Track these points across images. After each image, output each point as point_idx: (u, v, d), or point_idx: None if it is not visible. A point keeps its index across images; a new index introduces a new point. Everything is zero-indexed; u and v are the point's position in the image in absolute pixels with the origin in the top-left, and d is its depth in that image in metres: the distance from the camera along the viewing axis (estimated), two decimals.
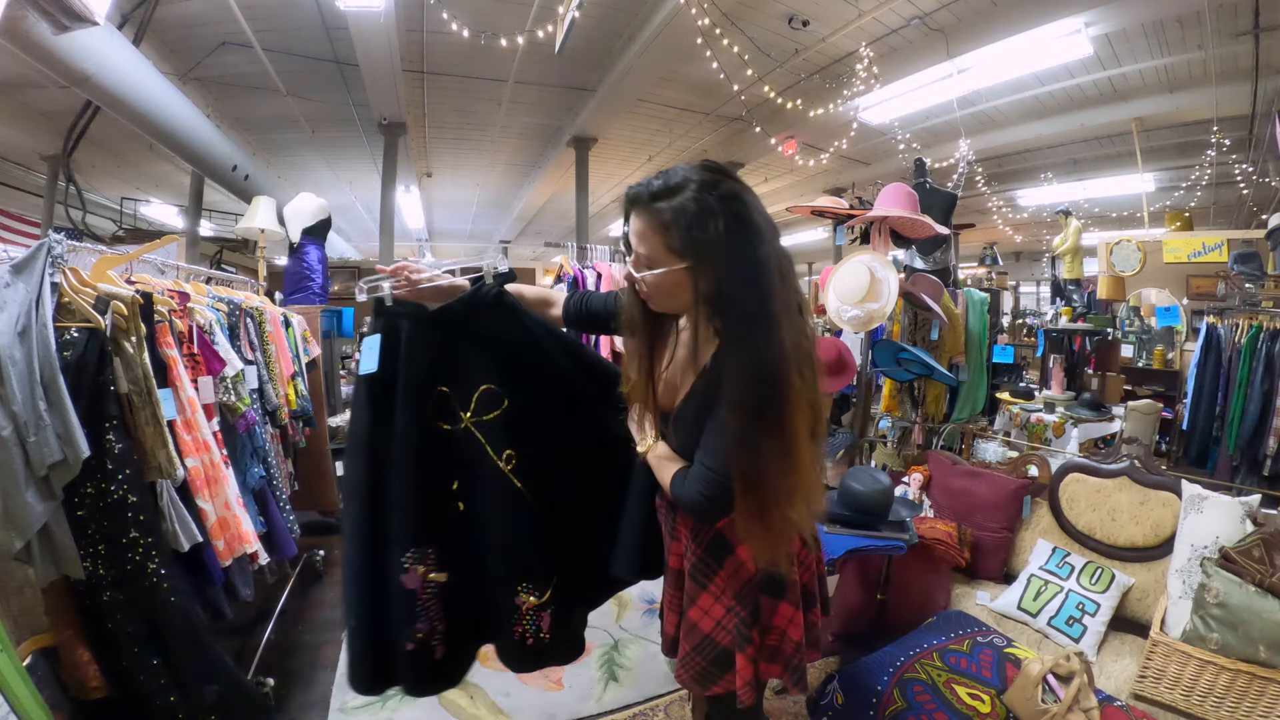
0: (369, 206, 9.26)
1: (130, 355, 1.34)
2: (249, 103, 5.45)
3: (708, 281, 0.89)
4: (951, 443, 2.87)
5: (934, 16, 4.28)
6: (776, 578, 1.05)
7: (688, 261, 0.90)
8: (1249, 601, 1.42)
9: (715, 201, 0.88)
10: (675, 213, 0.89)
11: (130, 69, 3.60)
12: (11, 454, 1.12)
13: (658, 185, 0.91)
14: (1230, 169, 5.98)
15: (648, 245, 0.93)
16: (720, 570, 1.07)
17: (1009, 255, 11.59)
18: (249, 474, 1.91)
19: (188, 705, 1.33)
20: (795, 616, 1.08)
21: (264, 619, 2.28)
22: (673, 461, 1.02)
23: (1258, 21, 3.93)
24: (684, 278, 0.91)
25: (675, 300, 0.96)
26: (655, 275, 0.94)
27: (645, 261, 0.94)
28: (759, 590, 1.06)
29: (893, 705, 1.41)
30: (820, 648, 1.19)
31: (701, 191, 0.89)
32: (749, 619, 1.05)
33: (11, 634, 1.17)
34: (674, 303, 0.98)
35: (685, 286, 0.92)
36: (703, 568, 1.09)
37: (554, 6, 3.74)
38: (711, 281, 0.89)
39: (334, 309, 4.04)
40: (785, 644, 1.08)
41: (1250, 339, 3.10)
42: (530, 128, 6.60)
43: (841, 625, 2.23)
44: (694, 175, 0.90)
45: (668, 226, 0.90)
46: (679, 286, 0.93)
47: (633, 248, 0.97)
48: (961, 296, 3.10)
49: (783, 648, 1.08)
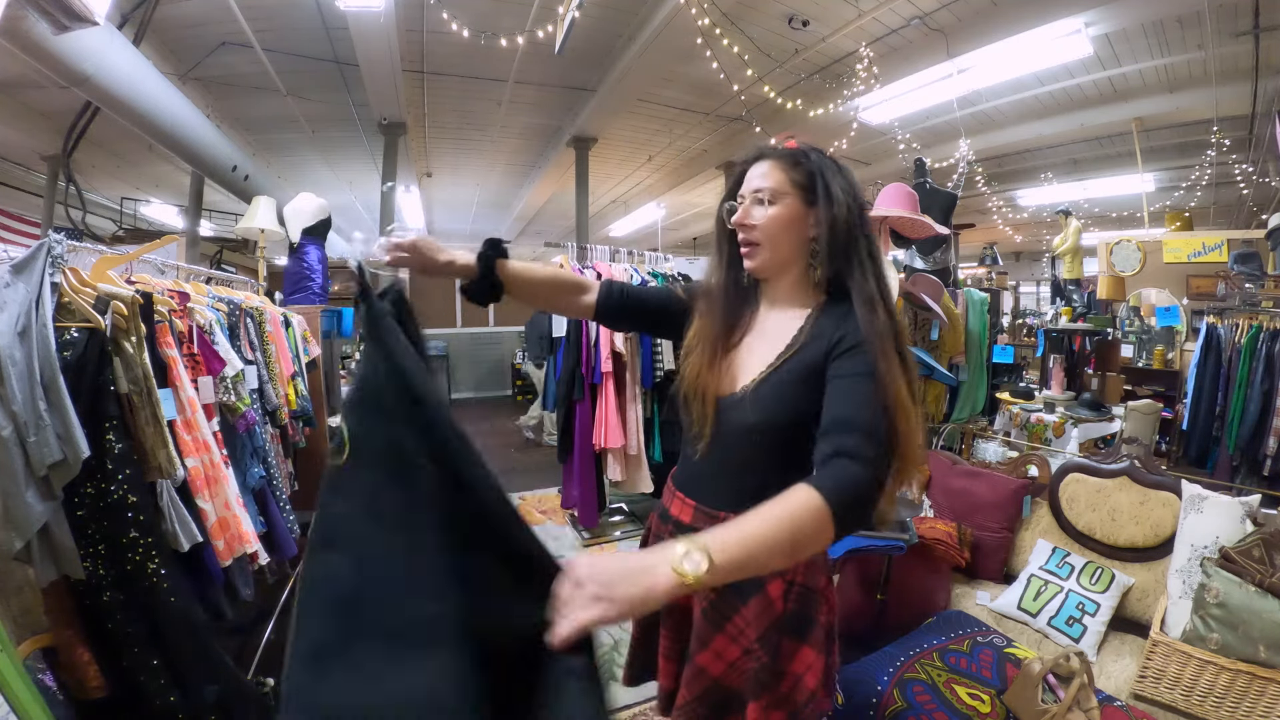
0: (369, 206, 9.25)
1: (130, 355, 1.34)
2: (249, 103, 5.44)
3: (826, 220, 0.94)
4: (951, 443, 2.87)
5: (934, 16, 4.28)
6: (805, 618, 0.95)
7: (811, 196, 0.95)
8: (1249, 601, 1.42)
9: (834, 162, 0.98)
10: (804, 156, 0.98)
11: (130, 69, 3.59)
12: (11, 454, 1.12)
13: (781, 147, 1.01)
14: (1230, 169, 5.98)
15: (773, 179, 0.96)
16: (743, 609, 0.94)
17: (1009, 255, 11.59)
18: (249, 474, 1.91)
19: (188, 705, 1.33)
20: (816, 663, 0.95)
21: (264, 619, 2.28)
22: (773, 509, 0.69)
23: (1258, 21, 3.93)
24: (803, 213, 0.96)
25: (783, 242, 0.97)
26: (776, 209, 0.96)
27: (769, 194, 0.96)
28: (783, 632, 0.94)
29: (893, 705, 1.41)
30: (834, 691, 1.03)
31: (820, 155, 0.99)
32: (770, 664, 0.92)
33: (11, 634, 1.17)
34: (781, 247, 0.97)
35: (802, 223, 0.97)
36: (722, 606, 0.95)
37: (554, 6, 3.73)
38: (829, 221, 0.93)
39: (334, 309, 4.03)
40: (798, 692, 0.93)
41: (1250, 339, 3.10)
42: (530, 128, 6.59)
43: (841, 625, 2.23)
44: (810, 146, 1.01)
45: (797, 163, 0.97)
46: (796, 222, 0.97)
47: (747, 194, 0.98)
48: (961, 296, 3.10)
49: (795, 695, 0.93)
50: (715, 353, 0.99)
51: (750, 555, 0.65)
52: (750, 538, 0.66)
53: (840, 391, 0.83)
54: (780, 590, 0.94)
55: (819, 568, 0.99)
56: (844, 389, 0.83)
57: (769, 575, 0.92)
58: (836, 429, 0.79)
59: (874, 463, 0.75)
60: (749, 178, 0.98)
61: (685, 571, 0.61)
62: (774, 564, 0.71)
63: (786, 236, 0.96)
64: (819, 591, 0.98)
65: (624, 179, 8.43)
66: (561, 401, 3.25)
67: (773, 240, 0.96)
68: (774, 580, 0.94)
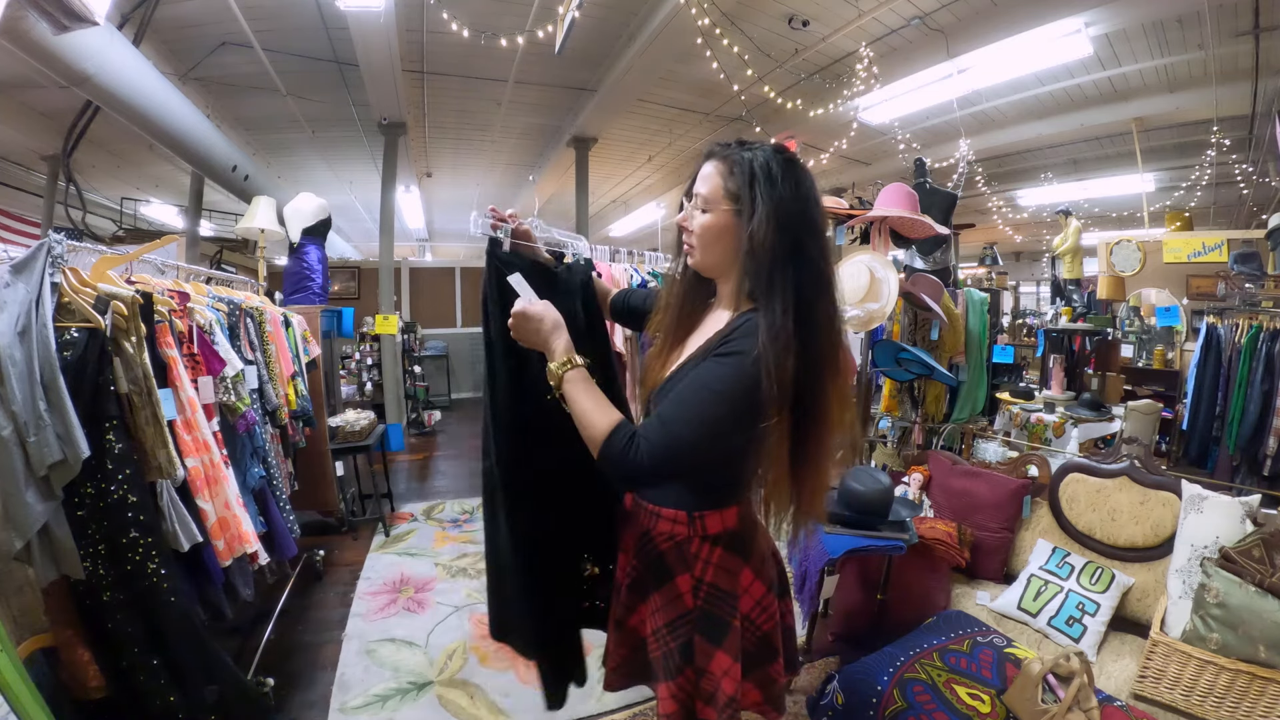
0: (369, 206, 9.25)
1: (130, 355, 1.34)
2: (249, 103, 5.44)
3: (754, 233, 0.88)
4: (951, 443, 2.87)
5: (934, 16, 4.28)
6: (716, 620, 0.98)
7: (739, 206, 0.91)
8: (1249, 601, 1.42)
9: (780, 165, 0.90)
10: (741, 162, 0.92)
11: (130, 69, 3.59)
12: (11, 454, 1.12)
13: (734, 142, 0.96)
14: (1230, 169, 5.98)
15: (708, 185, 0.95)
16: (655, 594, 1.02)
17: (1009, 255, 11.59)
18: (249, 474, 1.91)
19: (188, 705, 1.33)
20: (732, 669, 0.97)
21: (264, 619, 2.28)
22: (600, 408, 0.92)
23: (1258, 21, 3.93)
24: (733, 224, 0.92)
25: (715, 251, 0.96)
26: (706, 218, 0.95)
27: (701, 202, 0.96)
28: (695, 629, 0.99)
29: (893, 705, 1.41)
30: (782, 710, 1.08)
31: (772, 154, 0.92)
32: (679, 653, 0.99)
33: (11, 634, 1.17)
34: (711, 254, 0.97)
35: (731, 234, 0.93)
36: (641, 584, 1.05)
37: (554, 6, 3.73)
38: (759, 235, 0.87)
39: (334, 309, 4.04)
40: (720, 695, 0.96)
41: (1250, 339, 3.10)
42: (530, 128, 6.60)
43: (841, 625, 2.23)
44: (770, 147, 0.94)
45: (731, 171, 0.93)
46: (726, 233, 0.94)
47: (692, 196, 0.98)
48: (961, 296, 3.10)
49: (717, 697, 0.97)
50: (664, 344, 1.05)
51: (577, 406, 0.93)
52: (585, 398, 0.93)
53: (686, 385, 0.89)
54: (689, 585, 1.00)
55: (733, 574, 1.00)
56: (688, 386, 0.89)
57: (678, 568, 1.00)
58: (659, 414, 0.89)
59: (652, 461, 0.84)
60: (698, 177, 0.98)
61: (553, 370, 0.96)
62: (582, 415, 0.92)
63: (717, 246, 0.95)
64: (731, 596, 0.99)
65: (624, 179, 8.43)
66: None
67: (705, 247, 0.97)
68: (683, 574, 1.00)
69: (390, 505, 3.87)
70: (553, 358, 0.97)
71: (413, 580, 2.87)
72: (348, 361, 6.11)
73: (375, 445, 3.46)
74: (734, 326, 0.91)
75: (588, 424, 0.91)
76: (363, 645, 2.31)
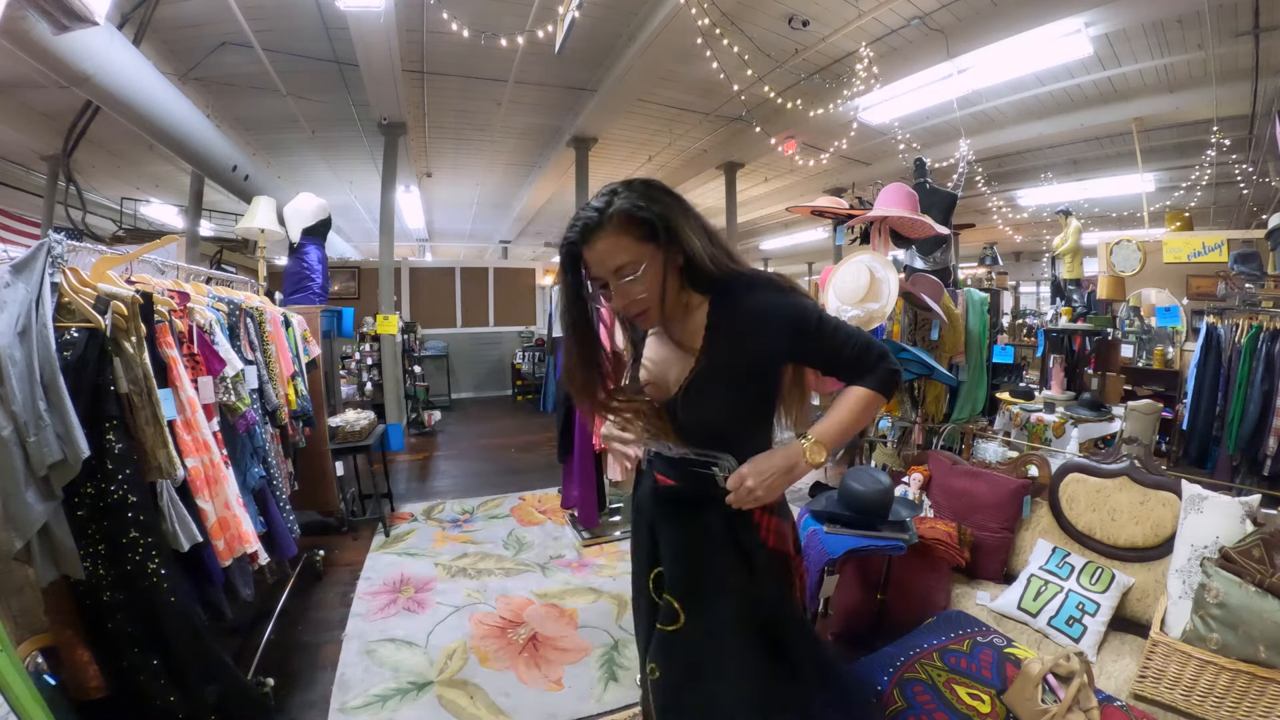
0: (369, 206, 9.25)
1: (130, 355, 1.34)
2: (249, 103, 5.44)
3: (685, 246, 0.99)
4: (951, 443, 2.87)
5: (934, 16, 4.28)
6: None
7: (660, 239, 0.97)
8: (1249, 601, 1.42)
9: (640, 186, 0.99)
10: (623, 211, 0.96)
11: (130, 69, 3.59)
12: (11, 454, 1.12)
13: (591, 210, 0.98)
14: (1230, 169, 5.98)
15: (626, 251, 0.96)
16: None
17: (1009, 255, 11.59)
18: (249, 474, 1.91)
19: (188, 705, 1.33)
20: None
21: (264, 619, 2.28)
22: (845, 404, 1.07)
23: (1258, 21, 3.93)
24: (663, 256, 0.99)
25: (669, 288, 1.02)
26: (641, 274, 0.97)
27: (628, 270, 0.97)
28: None
29: (893, 705, 1.41)
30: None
31: (624, 189, 0.98)
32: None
33: (11, 634, 1.17)
34: (669, 291, 1.03)
35: (668, 264, 1.00)
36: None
37: (554, 6, 3.73)
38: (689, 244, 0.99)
39: (334, 309, 4.04)
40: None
41: (1250, 339, 3.10)
42: (530, 128, 6.60)
43: (841, 625, 2.23)
44: (605, 190, 1.00)
45: (628, 221, 0.96)
46: (662, 267, 1.00)
47: (605, 275, 0.98)
48: (961, 296, 3.09)
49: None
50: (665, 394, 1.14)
51: (844, 432, 1.06)
52: (836, 433, 1.05)
53: (832, 344, 1.06)
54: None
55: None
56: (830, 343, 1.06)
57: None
58: (851, 358, 1.06)
59: (884, 356, 1.07)
60: (595, 259, 0.98)
61: (814, 460, 1.02)
62: (856, 430, 1.08)
63: (666, 283, 1.01)
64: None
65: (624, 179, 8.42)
66: (561, 402, 3.25)
67: (657, 297, 1.01)
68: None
69: (390, 505, 3.87)
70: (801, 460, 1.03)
71: (413, 580, 2.87)
72: (348, 361, 6.11)
73: (375, 445, 3.46)
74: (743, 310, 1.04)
75: (860, 422, 1.07)
76: (363, 645, 2.31)
